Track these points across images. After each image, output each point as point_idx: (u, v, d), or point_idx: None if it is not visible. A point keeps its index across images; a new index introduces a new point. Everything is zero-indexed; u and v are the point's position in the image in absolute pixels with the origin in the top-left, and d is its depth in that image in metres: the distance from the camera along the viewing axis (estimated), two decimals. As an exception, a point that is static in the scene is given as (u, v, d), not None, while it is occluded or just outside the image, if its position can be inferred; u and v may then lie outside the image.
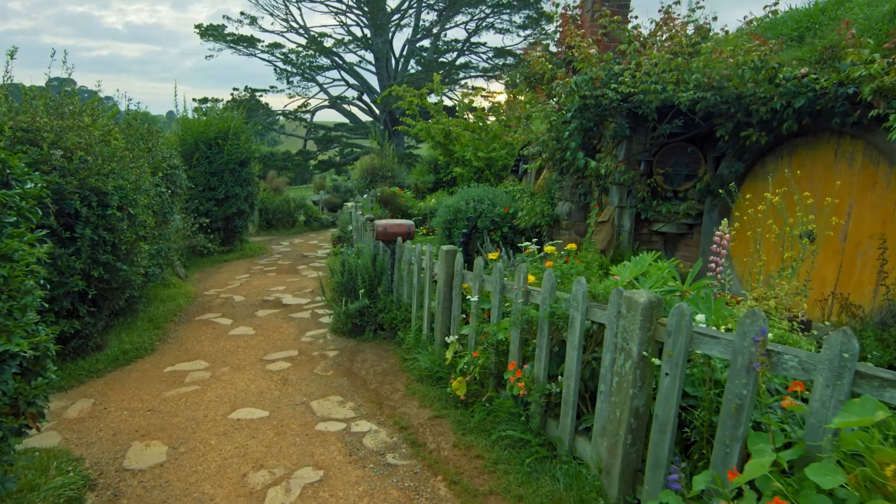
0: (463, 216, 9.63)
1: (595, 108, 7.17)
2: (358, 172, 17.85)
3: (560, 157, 8.46)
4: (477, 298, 4.21)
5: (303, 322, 6.87)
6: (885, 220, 5.70)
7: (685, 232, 7.86)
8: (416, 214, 13.62)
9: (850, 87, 5.26)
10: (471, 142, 15.22)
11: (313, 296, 8.20)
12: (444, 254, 4.62)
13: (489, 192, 9.99)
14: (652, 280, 3.25)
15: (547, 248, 4.71)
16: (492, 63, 32.95)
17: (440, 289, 4.78)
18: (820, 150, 6.31)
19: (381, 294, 6.07)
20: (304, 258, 11.48)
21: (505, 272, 4.04)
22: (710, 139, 7.45)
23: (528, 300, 3.71)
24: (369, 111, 31.23)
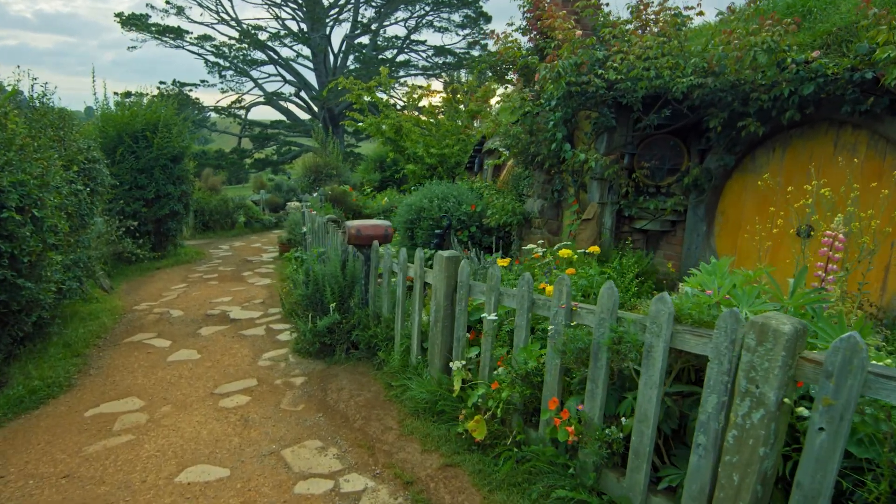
0: (427, 215, 8.74)
1: (579, 96, 6.47)
2: (300, 171, 16.57)
3: (534, 151, 7.72)
4: (494, 317, 3.35)
5: (257, 341, 5.76)
6: (891, 214, 5.30)
7: (668, 229, 7.30)
8: (369, 213, 12.59)
9: (867, 71, 4.78)
10: (422, 138, 14.33)
11: (265, 307, 7.07)
12: (445, 261, 3.73)
13: (454, 190, 9.15)
14: (751, 295, 2.49)
15: (563, 251, 3.91)
16: (431, 62, 32.15)
17: (439, 303, 3.88)
18: (818, 142, 5.87)
19: (353, 307, 5.10)
20: (248, 263, 10.21)
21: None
22: (694, 131, 6.92)
23: (571, 320, 2.88)
24: (307, 108, 29.65)
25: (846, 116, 5.40)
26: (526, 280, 3.10)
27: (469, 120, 14.51)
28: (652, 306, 2.39)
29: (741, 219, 6.68)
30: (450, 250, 3.72)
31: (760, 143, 6.38)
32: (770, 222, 6.43)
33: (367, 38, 30.10)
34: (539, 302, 3.08)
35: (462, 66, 32.61)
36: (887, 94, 4.85)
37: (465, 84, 15.31)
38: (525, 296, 3.12)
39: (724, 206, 6.87)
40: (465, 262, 3.59)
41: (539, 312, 3.10)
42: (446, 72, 31.89)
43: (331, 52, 29.21)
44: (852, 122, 5.50)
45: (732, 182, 6.75)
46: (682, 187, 7.10)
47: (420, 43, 31.22)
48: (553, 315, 2.93)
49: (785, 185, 6.23)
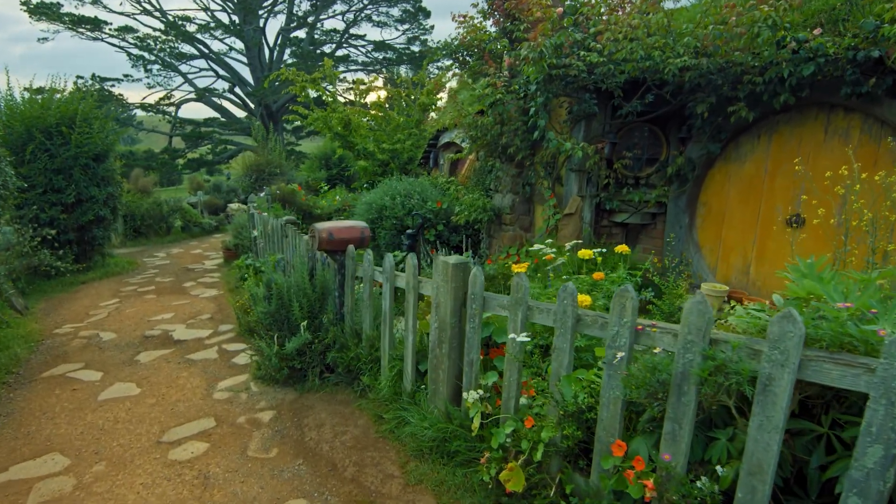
0: (390, 214, 7.98)
1: (560, 80, 5.90)
2: (240, 170, 15.32)
3: (506, 142, 7.12)
4: (525, 338, 2.68)
5: (210, 367, 4.85)
6: (890, 201, 5.04)
7: (648, 222, 6.88)
8: (321, 214, 11.65)
9: (872, 50, 4.45)
10: (371, 133, 13.48)
11: (215, 324, 6.10)
12: (451, 270, 3.02)
13: (417, 186, 8.43)
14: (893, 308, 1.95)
15: (583, 252, 3.29)
16: (371, 57, 31.13)
17: (444, 320, 3.17)
18: (807, 128, 5.55)
19: (326, 324, 4.30)
20: (190, 272, 9.08)
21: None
22: (674, 119, 6.51)
23: (636, 342, 2.26)
24: (243, 105, 27.93)
25: (841, 99, 5.10)
26: (569, 293, 2.45)
27: (421, 113, 13.78)
28: (773, 326, 1.79)
29: (725, 209, 6.33)
30: (457, 257, 3.03)
31: (745, 131, 6.03)
32: (757, 212, 6.12)
33: (303, 31, 28.67)
34: (586, 319, 2.44)
35: (403, 62, 31.82)
36: (891, 73, 4.56)
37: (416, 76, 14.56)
38: (568, 311, 2.47)
39: (706, 197, 6.51)
40: (478, 270, 2.91)
41: (586, 332, 2.46)
42: (387, 67, 30.98)
43: (266, 46, 27.60)
44: (844, 105, 5.21)
45: (715, 171, 6.39)
46: (662, 178, 6.69)
47: (359, 37, 30.10)
48: (612, 336, 2.30)
49: (772, 174, 5.91)
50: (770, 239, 5.93)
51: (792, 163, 5.67)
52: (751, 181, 6.04)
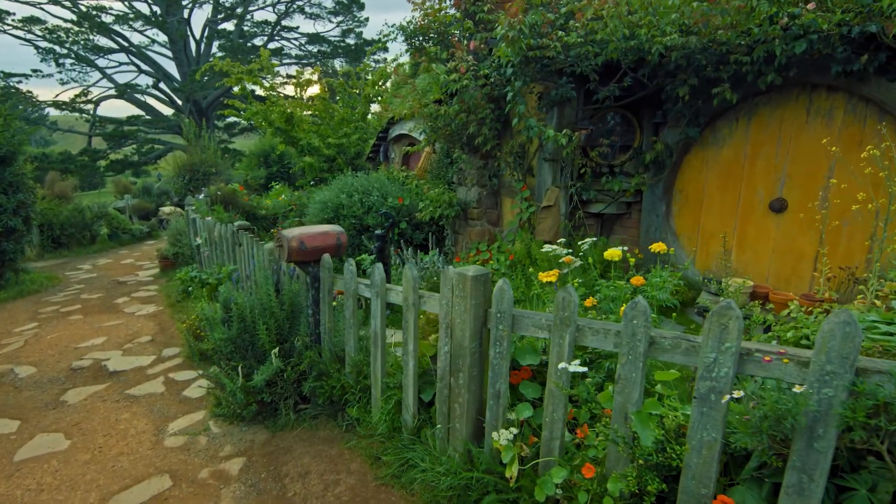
0: (349, 213, 7.25)
1: (536, 62, 5.38)
2: (171, 171, 13.98)
3: (473, 132, 6.55)
4: (576, 367, 2.12)
5: (156, 403, 4.02)
6: (876, 182, 4.85)
7: (623, 212, 6.52)
8: (265, 214, 10.70)
9: (869, 25, 4.19)
10: (315, 127, 12.59)
11: (157, 347, 5.21)
12: (470, 283, 2.42)
13: (375, 182, 7.73)
14: None
15: (611, 252, 2.77)
16: (305, 50, 29.75)
17: (460, 344, 2.57)
18: (788, 109, 5.30)
19: (299, 347, 3.59)
20: (122, 286, 7.97)
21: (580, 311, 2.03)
22: (648, 104, 6.15)
23: (739, 370, 1.75)
24: (170, 101, 25.90)
25: (825, 79, 4.87)
26: (640, 310, 1.92)
27: (367, 105, 12.99)
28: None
29: (703, 196, 6.04)
30: (476, 267, 2.44)
31: (722, 114, 5.74)
32: (737, 198, 5.87)
33: (232, 24, 26.90)
34: (663, 342, 1.91)
35: (338, 55, 30.61)
36: (885, 49, 4.33)
37: (360, 67, 13.72)
38: (639, 333, 1.93)
39: (682, 184, 6.20)
40: (505, 283, 2.33)
41: (663, 358, 1.93)
42: (322, 61, 29.70)
43: (192, 38, 25.65)
44: (828, 84, 4.98)
45: (691, 157, 6.08)
46: (636, 165, 6.33)
47: (292, 30, 28.61)
48: (707, 365, 1.78)
49: (752, 158, 5.64)
50: (751, 225, 5.69)
51: (773, 146, 5.43)
52: (729, 166, 5.77)
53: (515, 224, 6.64)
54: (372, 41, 30.91)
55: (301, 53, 29.36)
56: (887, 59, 4.29)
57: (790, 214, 5.35)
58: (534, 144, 6.42)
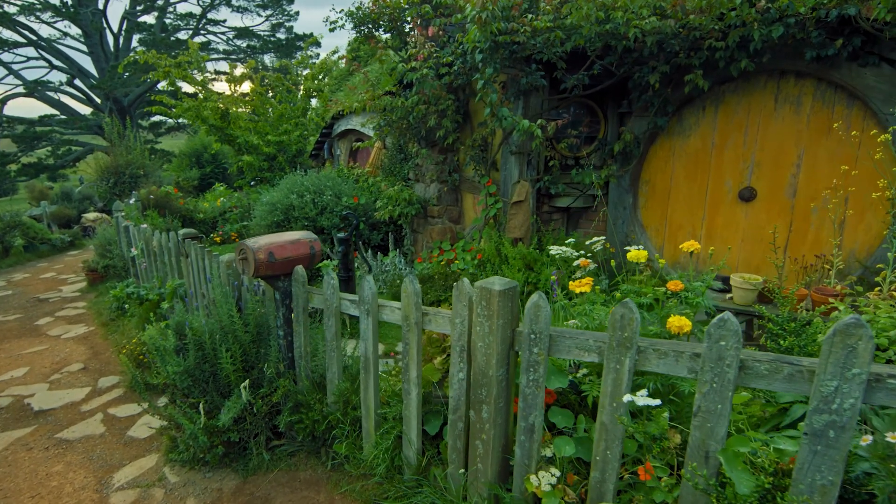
0: (301, 215, 6.61)
1: (506, 48, 4.97)
2: (94, 174, 12.61)
3: (434, 124, 6.08)
4: (645, 399, 1.72)
5: (96, 448, 3.32)
6: (845, 169, 4.81)
7: (589, 205, 6.27)
8: (203, 218, 9.79)
9: (848, 7, 4.06)
10: (252, 124, 11.70)
11: (91, 377, 4.43)
12: (498, 299, 1.98)
13: (327, 180, 7.12)
14: None
15: (635, 253, 2.41)
16: (234, 45, 28.12)
17: (485, 371, 2.12)
18: (755, 96, 5.17)
19: (269, 375, 3.02)
20: (43, 305, 6.93)
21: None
22: (612, 93, 5.90)
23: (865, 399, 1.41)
24: (87, 99, 23.64)
25: (795, 64, 4.76)
26: (730, 329, 1.54)
27: (307, 101, 12.21)
28: None
29: (670, 187, 5.87)
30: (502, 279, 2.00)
31: (689, 103, 5.56)
32: (705, 188, 5.73)
33: (153, 16, 24.89)
34: (758, 367, 1.55)
35: (268, 50, 29.17)
36: (860, 33, 4.24)
37: (297, 60, 12.87)
38: (727, 356, 1.56)
39: (648, 175, 6.00)
40: (541, 298, 1.90)
41: (756, 385, 1.57)
42: (251, 56, 28.15)
43: (109, 31, 23.50)
44: (796, 70, 4.88)
45: (657, 147, 5.89)
46: (601, 157, 6.08)
47: (218, 23, 26.91)
48: (828, 394, 1.43)
49: (719, 147, 5.50)
50: (719, 215, 5.56)
51: (740, 134, 5.30)
52: (697, 156, 5.62)
53: (480, 221, 6.24)
54: (303, 36, 29.65)
55: (229, 48, 27.72)
56: (862, 44, 4.20)
57: (759, 203, 5.24)
58: (497, 137, 6.04)
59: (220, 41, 27.27)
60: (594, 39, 4.90)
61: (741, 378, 1.58)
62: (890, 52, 4.20)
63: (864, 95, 4.44)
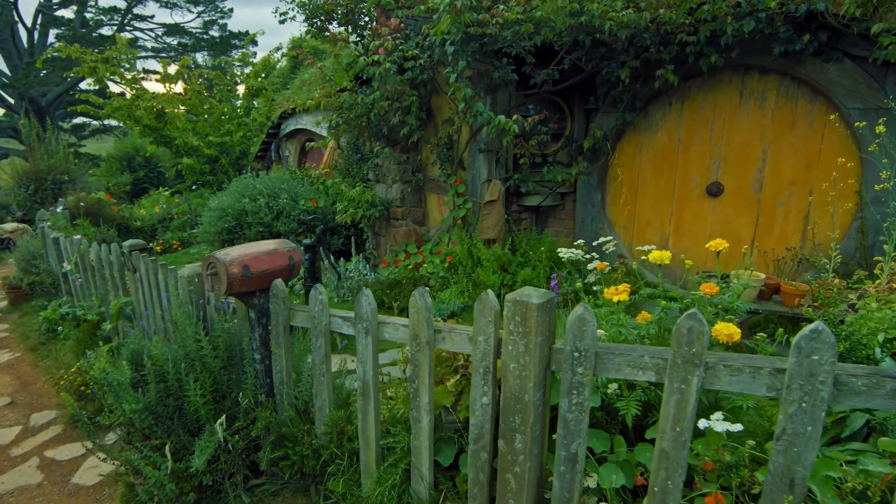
0: (255, 220, 6.10)
1: (476, 41, 4.71)
2: (11, 180, 11.40)
3: (398, 121, 5.75)
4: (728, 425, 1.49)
5: (32, 501, 2.79)
6: (809, 163, 4.87)
7: (557, 203, 6.14)
8: (141, 226, 9.00)
9: (819, 2, 4.07)
10: (191, 124, 10.91)
11: (21, 413, 3.81)
12: (536, 313, 1.70)
13: (282, 182, 6.63)
14: None
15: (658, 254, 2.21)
16: (163, 42, 26.50)
17: (519, 396, 1.83)
18: (721, 92, 5.17)
19: (244, 405, 2.62)
20: (-46, 329, 6.04)
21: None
22: (578, 90, 5.77)
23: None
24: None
25: (763, 60, 4.76)
26: (825, 342, 1.34)
27: (250, 100, 11.53)
28: None
29: (637, 183, 5.81)
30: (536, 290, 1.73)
31: (655, 99, 5.50)
32: (672, 184, 5.71)
33: (71, 10, 22.96)
34: (853, 383, 1.36)
35: (201, 48, 27.70)
36: (827, 29, 4.27)
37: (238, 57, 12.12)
38: (821, 373, 1.36)
39: (616, 172, 5.92)
40: (587, 310, 1.65)
41: (849, 402, 1.37)
42: (183, 54, 26.61)
43: (22, 26, 21.48)
44: (760, 66, 4.90)
45: (624, 144, 5.81)
46: (568, 154, 5.95)
47: (145, 19, 25.24)
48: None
49: (686, 143, 5.47)
50: (687, 210, 5.55)
51: (707, 130, 5.29)
52: (664, 152, 5.58)
53: (448, 222, 5.97)
54: (239, 34, 28.35)
55: (159, 46, 26.08)
56: (828, 39, 4.23)
57: (726, 198, 5.25)
58: (464, 134, 5.78)
59: (149, 38, 25.61)
60: (565, 33, 4.73)
61: (834, 395, 1.39)
62: (852, 47, 4.26)
63: (827, 90, 4.50)
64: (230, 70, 11.52)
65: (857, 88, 4.33)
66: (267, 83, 11.37)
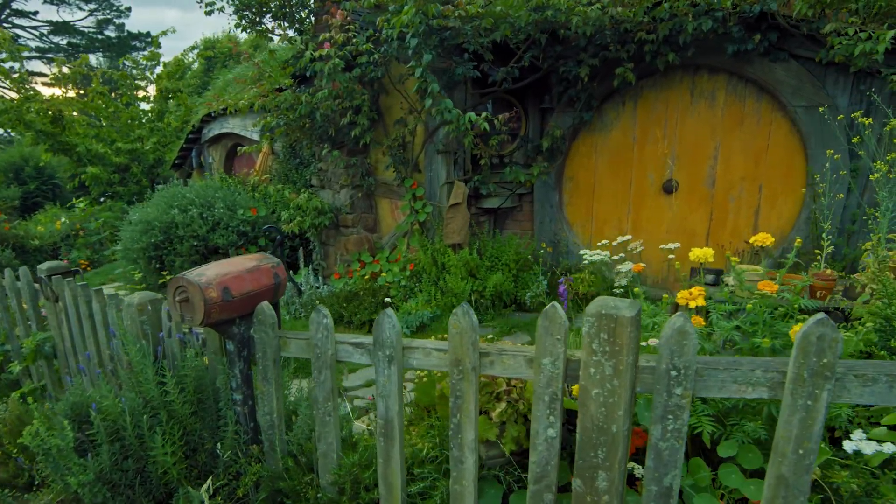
0: (186, 233, 5.40)
1: (438, 34, 4.40)
2: None
3: (349, 121, 5.29)
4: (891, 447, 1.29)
5: None
6: (758, 159, 5.01)
7: (516, 205, 5.96)
8: (40, 245, 7.83)
9: (770, 2, 4.14)
10: (94, 130, 9.72)
11: None
12: (629, 326, 1.42)
13: (216, 190, 5.96)
14: None
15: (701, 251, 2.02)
16: (50, 42, 23.91)
17: (603, 427, 1.48)
18: (673, 91, 5.22)
19: (224, 456, 2.12)
20: None
21: None
22: (532, 90, 5.62)
23: None
24: None
25: (712, 59, 4.83)
26: None
27: (164, 102, 10.47)
28: None
29: (594, 182, 5.75)
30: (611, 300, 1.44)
31: (609, 98, 5.47)
32: (629, 182, 5.69)
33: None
34: None
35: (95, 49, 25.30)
36: (777, 29, 4.38)
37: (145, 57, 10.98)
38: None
39: (572, 172, 5.84)
40: (686, 321, 1.39)
41: None
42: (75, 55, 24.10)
43: None
44: (708, 66, 4.98)
45: (579, 143, 5.74)
46: (524, 154, 5.77)
47: (27, 15, 22.60)
48: None
49: (641, 141, 5.48)
50: (644, 208, 5.55)
51: (660, 128, 5.32)
52: (619, 150, 5.56)
53: (406, 227, 5.60)
54: (139, 35, 26.20)
55: (45, 46, 23.47)
56: (777, 39, 4.35)
57: (682, 194, 5.30)
58: (419, 135, 5.45)
59: (33, 37, 22.95)
60: (526, 28, 4.55)
61: None
62: (797, 48, 4.40)
63: (774, 89, 4.63)
64: (139, 71, 10.41)
65: (802, 87, 4.48)
66: (182, 84, 10.37)
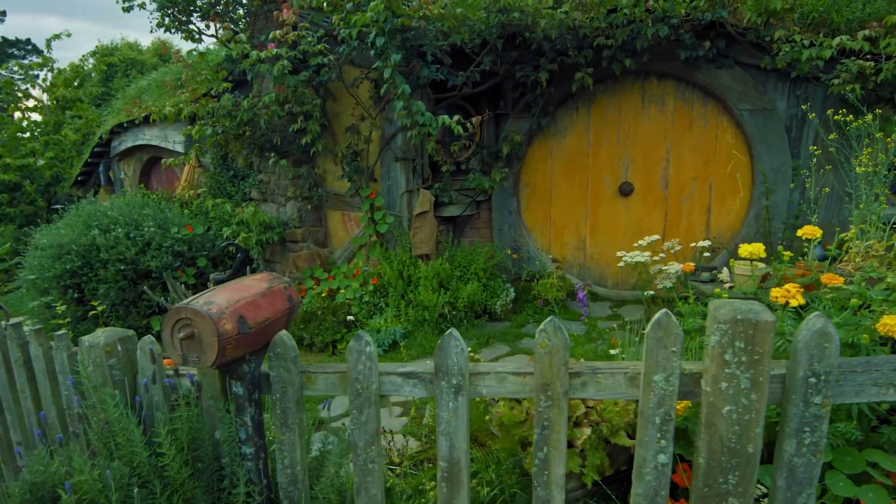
0: (111, 257, 4.69)
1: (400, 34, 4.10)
2: None
3: (299, 129, 4.84)
4: None
5: None
6: (707, 160, 5.17)
7: (473, 213, 5.78)
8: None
9: (721, 11, 4.27)
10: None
11: None
12: (770, 330, 1.24)
13: (143, 207, 5.25)
14: None
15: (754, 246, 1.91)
16: None
17: (734, 448, 1.26)
18: (625, 97, 5.29)
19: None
20: None
21: None
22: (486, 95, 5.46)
23: None
24: None
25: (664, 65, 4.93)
26: None
27: (61, 113, 9.26)
28: None
29: (551, 187, 5.70)
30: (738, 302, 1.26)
31: (563, 103, 5.46)
32: (585, 186, 5.67)
33: None
34: None
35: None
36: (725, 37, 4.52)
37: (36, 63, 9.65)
38: None
39: (528, 177, 5.74)
40: (827, 323, 1.23)
41: None
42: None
43: None
44: (657, 72, 5.10)
45: (535, 149, 5.66)
46: (480, 161, 5.60)
47: None
48: None
49: (595, 146, 5.50)
50: (601, 211, 5.57)
51: (614, 132, 5.36)
52: (574, 155, 5.55)
53: (363, 240, 5.22)
54: (18, 42, 23.47)
55: None
56: (726, 46, 4.52)
57: (637, 196, 5.38)
58: (375, 142, 5.12)
59: None
60: (483, 33, 4.41)
61: None
62: (742, 54, 4.60)
63: (720, 94, 4.82)
64: (29, 78, 9.13)
65: (747, 92, 4.68)
66: (82, 93, 9.23)
